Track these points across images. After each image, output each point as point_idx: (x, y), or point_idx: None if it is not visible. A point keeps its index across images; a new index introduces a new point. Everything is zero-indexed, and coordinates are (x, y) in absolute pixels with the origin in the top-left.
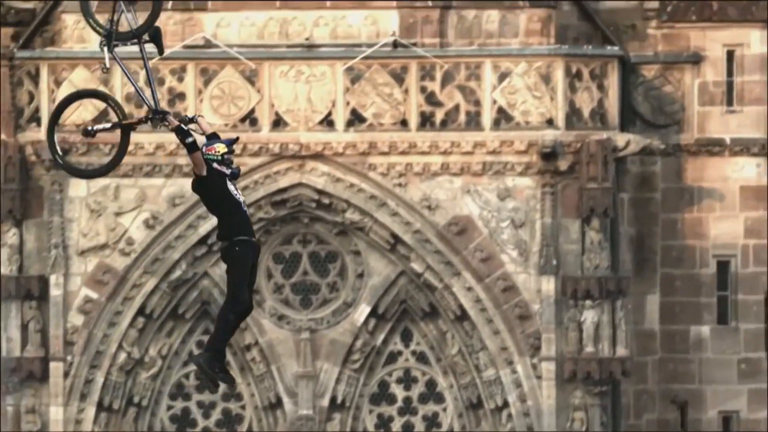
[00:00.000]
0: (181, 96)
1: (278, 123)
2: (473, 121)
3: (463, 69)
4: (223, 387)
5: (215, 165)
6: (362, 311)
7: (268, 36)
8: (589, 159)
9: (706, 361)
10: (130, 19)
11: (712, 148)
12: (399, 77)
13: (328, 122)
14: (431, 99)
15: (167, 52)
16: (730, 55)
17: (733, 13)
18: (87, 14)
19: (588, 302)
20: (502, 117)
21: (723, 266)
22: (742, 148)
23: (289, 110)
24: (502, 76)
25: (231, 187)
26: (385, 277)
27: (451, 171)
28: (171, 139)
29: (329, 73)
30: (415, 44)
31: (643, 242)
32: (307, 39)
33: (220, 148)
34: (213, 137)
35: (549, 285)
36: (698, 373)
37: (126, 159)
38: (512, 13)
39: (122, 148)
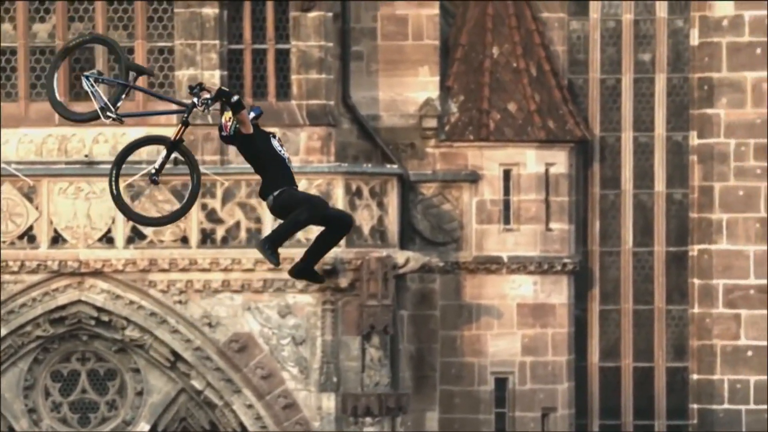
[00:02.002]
0: None
1: (57, 240)
2: (254, 238)
3: (244, 186)
4: None
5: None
6: (142, 429)
7: (46, 153)
8: (370, 276)
9: None
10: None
11: (490, 265)
12: (179, 194)
13: (107, 239)
14: (212, 216)
15: None
16: (507, 174)
17: (510, 133)
18: (66, 114)
19: (368, 419)
20: None
21: (501, 383)
22: (519, 266)
23: (68, 227)
24: None
25: (276, 144)
26: (165, 395)
27: (231, 288)
28: None
29: (109, 190)
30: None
31: (423, 359)
32: (86, 156)
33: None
34: (221, 93)
35: (329, 402)
36: None
37: None
38: (292, 131)
39: (194, 173)
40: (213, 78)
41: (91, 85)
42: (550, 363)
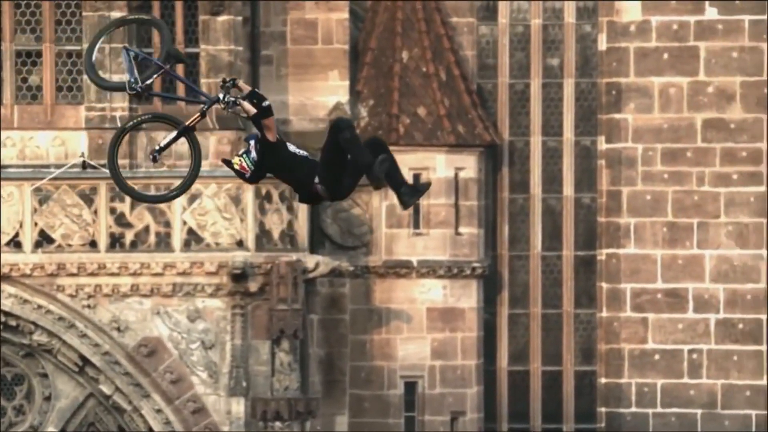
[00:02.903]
0: None
1: None
2: (163, 243)
3: (153, 191)
4: None
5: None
6: None
7: None
8: (279, 280)
9: None
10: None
11: (400, 270)
12: (88, 198)
13: (15, 243)
14: (121, 220)
15: None
16: (417, 178)
17: (419, 137)
18: (89, 70)
19: (278, 424)
20: (192, 238)
21: (410, 387)
22: (429, 270)
23: None
24: (192, 198)
25: (292, 148)
26: (73, 400)
27: (140, 292)
28: None
29: (16, 194)
30: (104, 165)
31: (333, 363)
32: (82, 155)
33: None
34: (253, 95)
35: (239, 407)
36: None
37: None
38: (202, 136)
39: (196, 157)
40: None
41: (129, 60)
42: (459, 367)
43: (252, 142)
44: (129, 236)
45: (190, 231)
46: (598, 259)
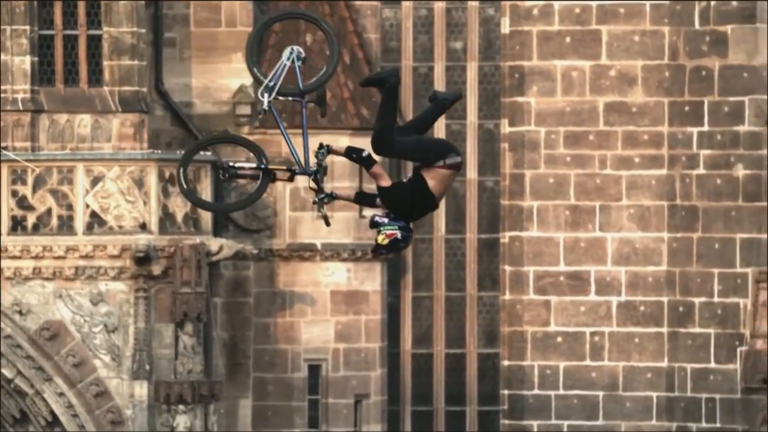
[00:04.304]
0: None
1: None
2: (66, 226)
3: (56, 173)
4: None
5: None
6: None
7: None
8: (183, 263)
9: None
10: (297, 73)
11: (304, 253)
12: None
13: None
14: (23, 203)
15: None
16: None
17: (323, 120)
18: (251, 62)
19: (181, 407)
20: (95, 221)
21: (314, 370)
22: (333, 253)
23: None
24: (95, 181)
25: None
26: None
27: (43, 275)
28: None
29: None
30: (5, 148)
31: (236, 347)
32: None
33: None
34: (351, 151)
35: (142, 390)
36: None
37: None
38: (105, 118)
39: (258, 192)
40: (23, 64)
41: (287, 61)
42: (363, 350)
43: (378, 219)
44: (31, 219)
45: (93, 214)
46: (501, 242)
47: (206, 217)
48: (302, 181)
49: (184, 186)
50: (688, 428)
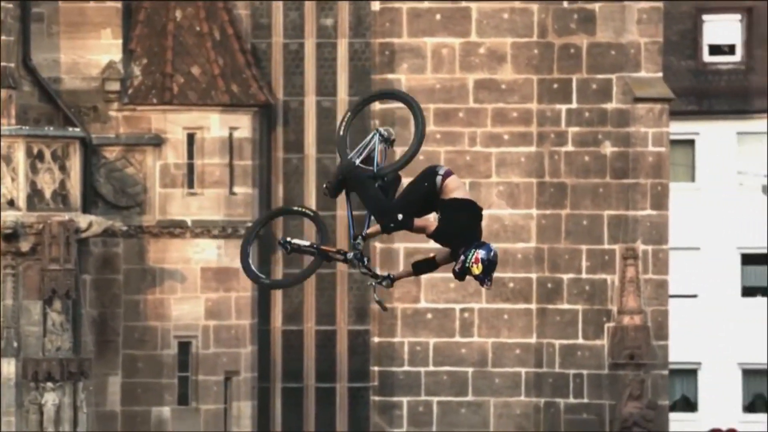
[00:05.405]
0: None
1: None
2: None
3: None
4: None
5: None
6: None
7: None
8: (51, 240)
9: None
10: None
11: (174, 230)
12: None
13: None
14: None
15: None
16: (191, 137)
17: (193, 96)
18: (342, 145)
19: (49, 384)
20: None
21: (184, 347)
22: (203, 230)
23: None
24: None
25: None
26: None
27: None
28: None
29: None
30: None
31: (106, 324)
32: None
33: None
34: (386, 227)
35: (10, 367)
36: None
37: None
38: None
39: (310, 269)
40: None
41: (377, 140)
42: (233, 327)
43: (463, 259)
44: None
45: None
46: None
47: (75, 194)
48: (173, 158)
49: (247, 261)
50: (556, 404)
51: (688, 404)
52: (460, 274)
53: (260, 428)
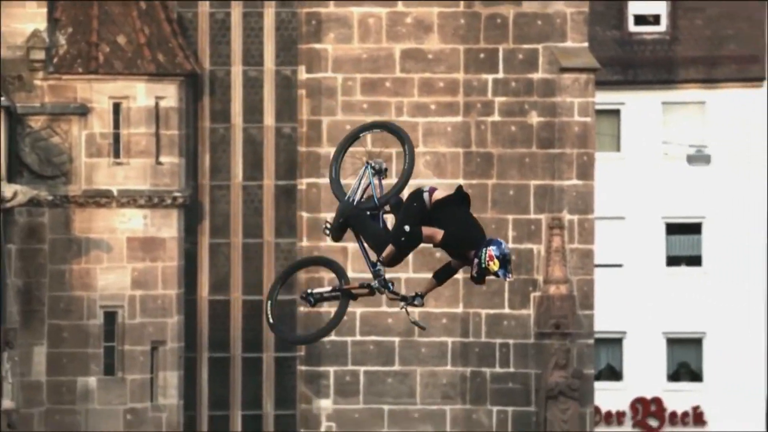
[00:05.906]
0: None
1: None
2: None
3: None
4: None
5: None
6: None
7: None
8: None
9: (93, 411)
10: (375, 187)
11: (100, 199)
12: None
13: None
14: None
15: None
16: (117, 107)
17: (119, 66)
18: (336, 186)
19: None
20: None
21: (110, 317)
22: (129, 199)
23: None
24: None
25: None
26: None
27: None
28: None
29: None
30: None
31: (31, 293)
32: None
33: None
34: (399, 244)
35: None
36: (85, 424)
37: None
38: None
39: (339, 314)
40: None
41: (370, 174)
42: (159, 297)
43: (477, 261)
44: None
45: None
46: (298, 188)
47: None
48: (99, 127)
49: (270, 320)
50: (482, 373)
51: (614, 373)
52: (479, 278)
53: (187, 398)
